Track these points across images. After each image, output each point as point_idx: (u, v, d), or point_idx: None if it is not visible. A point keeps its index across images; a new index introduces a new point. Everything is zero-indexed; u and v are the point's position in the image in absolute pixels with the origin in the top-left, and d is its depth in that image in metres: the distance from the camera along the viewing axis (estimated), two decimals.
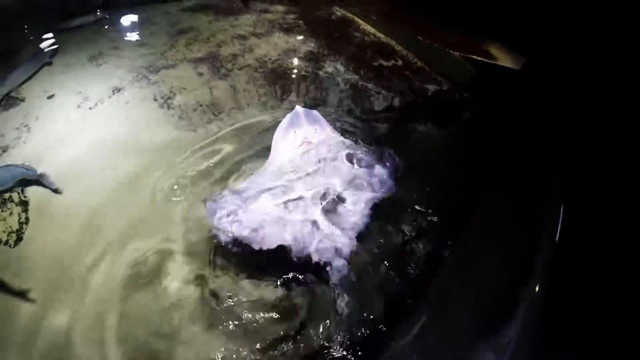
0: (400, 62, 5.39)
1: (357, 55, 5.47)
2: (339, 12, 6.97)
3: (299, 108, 3.43)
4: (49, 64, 5.17)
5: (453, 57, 5.54)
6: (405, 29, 6.32)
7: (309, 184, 2.99)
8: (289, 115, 3.40)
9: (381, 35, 6.06)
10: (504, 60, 5.58)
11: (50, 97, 4.54)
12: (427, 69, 5.28)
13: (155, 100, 4.45)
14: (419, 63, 5.40)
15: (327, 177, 3.05)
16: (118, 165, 3.66)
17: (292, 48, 5.55)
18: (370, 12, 7.03)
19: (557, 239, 2.94)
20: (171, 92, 4.57)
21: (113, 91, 4.59)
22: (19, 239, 3.03)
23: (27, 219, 3.16)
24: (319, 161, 3.16)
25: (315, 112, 3.48)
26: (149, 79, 4.79)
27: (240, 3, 7.10)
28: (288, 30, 6.09)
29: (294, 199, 2.89)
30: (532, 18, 5.54)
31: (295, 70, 5.07)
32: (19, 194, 3.32)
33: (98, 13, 6.46)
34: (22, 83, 4.80)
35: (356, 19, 6.69)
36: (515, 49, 5.67)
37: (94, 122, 4.19)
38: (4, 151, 3.83)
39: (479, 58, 5.49)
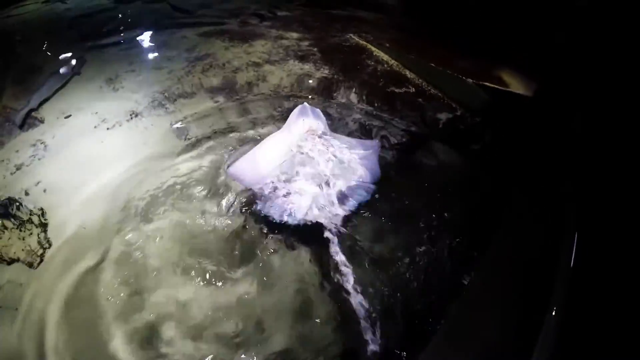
0: (412, 90, 5.43)
1: (370, 83, 5.52)
2: (352, 39, 7.06)
3: (306, 104, 3.93)
4: (78, 74, 5.32)
5: (466, 84, 5.52)
6: (418, 56, 6.36)
7: (310, 166, 3.52)
8: (299, 107, 3.89)
9: (394, 63, 6.12)
10: (516, 86, 5.56)
11: (67, 117, 4.63)
12: (439, 96, 5.32)
13: (171, 126, 4.52)
14: (431, 90, 5.44)
15: (325, 162, 3.56)
16: (133, 190, 3.70)
17: (306, 75, 5.63)
18: (383, 39, 7.12)
19: (571, 265, 2.91)
20: (186, 119, 4.65)
21: (130, 115, 4.67)
22: (41, 260, 3.07)
23: (47, 239, 3.20)
24: (319, 148, 3.66)
25: (318, 110, 3.98)
26: (166, 107, 4.88)
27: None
28: (302, 57, 6.17)
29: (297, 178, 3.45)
30: (545, 44, 5.60)
31: (309, 98, 5.12)
32: (39, 216, 3.36)
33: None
34: (52, 95, 4.98)
35: (369, 46, 6.77)
36: (527, 75, 5.70)
37: (110, 145, 4.26)
38: (17, 169, 3.90)
39: (492, 85, 5.50)
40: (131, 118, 4.64)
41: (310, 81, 5.49)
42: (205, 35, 6.98)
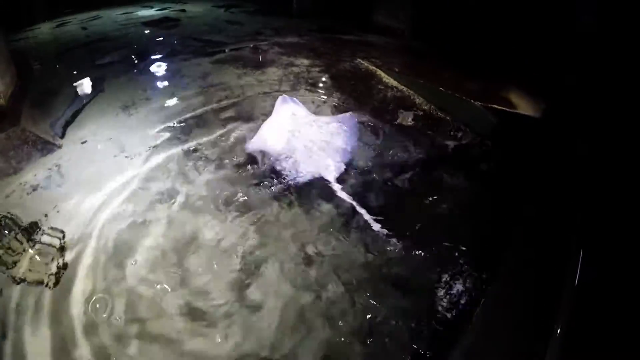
0: (421, 114, 5.50)
1: (380, 109, 5.59)
2: (362, 64, 7.19)
3: (285, 95, 5.33)
4: (102, 90, 5.62)
5: (474, 107, 5.62)
6: (427, 79, 6.47)
7: (304, 138, 4.74)
8: (280, 98, 5.28)
9: (403, 88, 6.21)
10: (524, 108, 5.65)
11: (83, 143, 4.76)
12: (448, 120, 5.39)
13: (185, 154, 4.61)
14: (440, 115, 5.51)
15: (314, 133, 4.83)
16: (147, 215, 3.78)
17: (317, 103, 5.72)
18: (392, 64, 7.25)
19: (576, 283, 2.95)
20: (201, 147, 4.73)
21: (148, 146, 4.77)
22: (57, 281, 3.15)
23: (64, 264, 3.28)
24: (307, 124, 4.98)
25: (296, 99, 5.36)
26: (179, 137, 4.96)
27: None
28: (313, 85, 6.31)
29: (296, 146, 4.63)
30: (552, 64, 5.68)
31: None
32: (59, 239, 3.45)
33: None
34: (71, 121, 5.18)
35: (378, 71, 6.89)
36: (535, 96, 5.77)
37: (123, 171, 4.34)
38: (34, 191, 4.01)
39: (500, 107, 5.58)
40: (148, 148, 4.73)
41: (321, 109, 5.57)
42: (218, 62, 7.15)
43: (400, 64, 7.32)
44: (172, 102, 5.76)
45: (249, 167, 4.40)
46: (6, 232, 3.49)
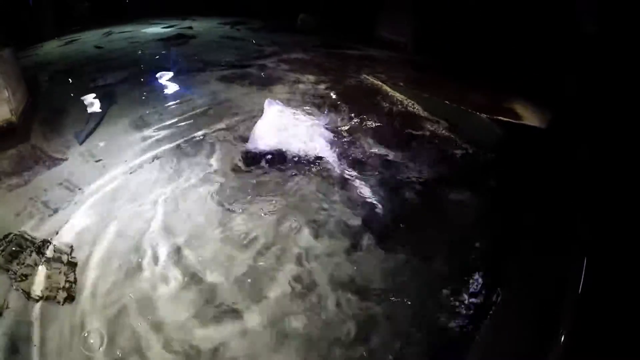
0: (427, 130, 5.52)
1: (386, 124, 5.63)
2: (367, 79, 7.26)
3: (270, 99, 5.95)
4: (115, 102, 5.87)
5: (479, 119, 5.68)
6: (432, 93, 6.54)
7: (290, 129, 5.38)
8: (266, 101, 5.84)
9: (409, 103, 6.26)
10: (530, 118, 5.71)
11: (98, 161, 4.80)
12: (454, 134, 5.41)
13: (201, 173, 4.64)
14: (446, 128, 5.54)
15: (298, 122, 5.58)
16: (160, 231, 3.82)
17: (323, 118, 5.78)
18: (397, 78, 7.32)
19: (579, 291, 3.00)
20: (210, 165, 4.76)
21: (153, 159, 4.82)
22: (69, 297, 3.17)
23: (74, 278, 3.31)
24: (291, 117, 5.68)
25: (278, 101, 6.01)
26: (187, 153, 5.01)
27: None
28: (320, 102, 6.36)
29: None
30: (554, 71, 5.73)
31: (327, 140, 5.21)
32: (68, 255, 3.48)
33: None
34: (83, 140, 5.26)
35: (384, 86, 6.95)
36: (539, 106, 5.84)
37: (134, 186, 4.39)
38: (44, 205, 4.06)
39: (505, 119, 5.63)
40: (152, 160, 4.78)
41: (328, 125, 5.60)
42: (226, 79, 7.23)
43: (404, 78, 7.39)
44: (180, 119, 5.82)
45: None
46: (18, 247, 3.52)
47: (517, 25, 7.19)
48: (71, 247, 3.58)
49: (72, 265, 3.41)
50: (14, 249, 3.51)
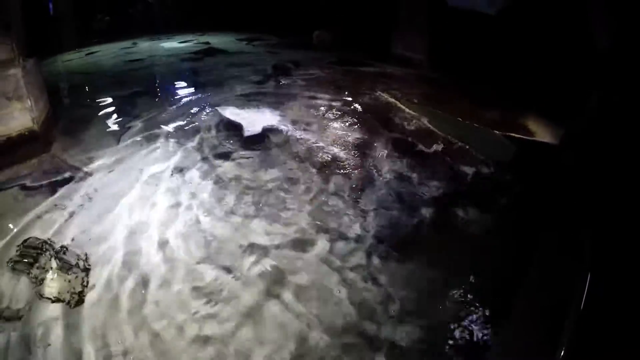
0: (441, 147, 5.55)
1: (400, 142, 5.66)
2: (382, 96, 7.32)
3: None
4: (129, 119, 6.22)
5: (493, 136, 5.71)
6: (446, 110, 6.60)
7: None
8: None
9: (423, 120, 6.31)
10: (542, 134, 5.75)
11: (111, 172, 4.89)
12: (467, 151, 5.45)
13: (210, 180, 4.72)
14: (459, 146, 5.57)
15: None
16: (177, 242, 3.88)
17: (338, 136, 5.82)
18: (411, 95, 7.38)
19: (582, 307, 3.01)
20: (227, 176, 4.82)
21: (172, 172, 4.91)
22: (81, 301, 3.23)
23: (87, 283, 3.37)
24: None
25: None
26: (207, 164, 5.09)
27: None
28: (335, 117, 6.43)
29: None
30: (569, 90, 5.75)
31: (341, 158, 5.25)
32: (83, 261, 3.55)
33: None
34: (101, 150, 5.44)
35: (398, 103, 7.01)
36: (552, 121, 5.89)
37: (150, 198, 4.47)
38: (65, 213, 4.14)
39: (518, 136, 5.66)
40: (172, 174, 4.87)
41: (342, 141, 5.66)
42: (242, 96, 7.34)
43: (419, 95, 7.45)
44: (197, 133, 5.91)
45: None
46: (36, 251, 3.61)
47: (531, 41, 7.22)
48: (85, 254, 3.65)
49: (87, 270, 3.48)
50: (32, 253, 3.59)
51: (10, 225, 3.94)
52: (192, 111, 6.77)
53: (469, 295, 3.29)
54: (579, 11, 6.32)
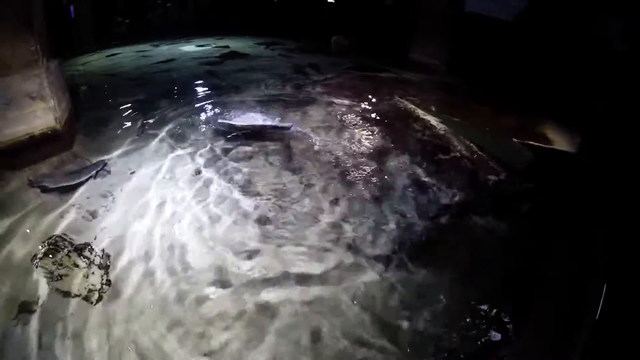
0: (459, 154, 5.52)
1: (418, 149, 5.64)
2: (400, 102, 7.30)
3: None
4: (148, 120, 6.42)
5: (511, 144, 5.67)
6: (464, 116, 6.59)
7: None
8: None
9: (441, 127, 6.28)
10: (560, 143, 5.70)
11: (132, 173, 4.93)
12: (485, 158, 5.41)
13: (231, 183, 4.74)
14: (477, 153, 5.54)
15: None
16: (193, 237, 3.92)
17: (357, 141, 5.81)
18: (429, 101, 7.36)
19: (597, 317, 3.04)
20: (246, 178, 4.85)
21: (192, 174, 4.94)
22: (100, 297, 3.27)
23: (108, 280, 3.40)
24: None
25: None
26: (225, 167, 5.11)
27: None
28: (354, 124, 6.42)
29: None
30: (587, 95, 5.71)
31: (360, 164, 5.24)
32: (104, 259, 3.59)
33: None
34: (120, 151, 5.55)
35: (417, 110, 6.98)
36: (570, 129, 5.84)
37: (172, 197, 4.51)
38: (85, 211, 4.20)
39: (536, 144, 5.62)
40: (192, 176, 4.90)
41: (361, 148, 5.65)
42: (265, 101, 7.36)
43: (437, 102, 7.44)
44: (217, 136, 5.93)
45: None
46: (59, 249, 3.66)
47: (548, 48, 7.19)
48: (104, 250, 3.72)
49: (107, 268, 3.51)
50: (55, 250, 3.65)
51: (34, 224, 4.00)
52: (213, 114, 6.82)
53: (484, 301, 3.27)
54: (597, 16, 6.30)
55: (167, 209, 4.33)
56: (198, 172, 4.97)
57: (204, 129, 6.15)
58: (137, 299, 3.27)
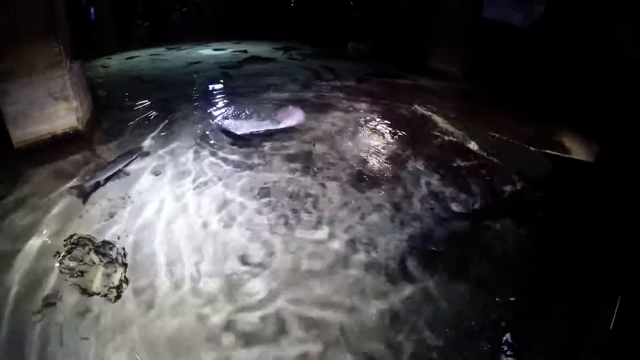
0: (476, 162, 5.48)
1: (436, 155, 5.61)
2: (418, 110, 7.28)
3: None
4: (168, 123, 6.53)
5: (528, 152, 5.67)
6: (482, 124, 6.57)
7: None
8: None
9: (459, 134, 6.25)
10: (578, 152, 5.68)
11: (155, 174, 4.98)
12: (502, 166, 5.36)
13: (250, 191, 4.71)
14: (494, 161, 5.49)
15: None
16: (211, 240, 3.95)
17: (375, 148, 5.79)
18: (447, 109, 7.34)
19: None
20: (265, 184, 4.83)
21: (214, 177, 4.95)
22: (119, 295, 3.31)
23: (126, 278, 3.44)
24: None
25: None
26: (246, 171, 5.12)
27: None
28: (372, 130, 6.42)
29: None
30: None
31: (379, 171, 5.23)
32: (122, 257, 3.63)
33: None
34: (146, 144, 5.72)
35: (434, 116, 6.97)
36: (588, 139, 5.78)
37: (192, 201, 4.52)
38: (109, 216, 4.22)
39: (554, 153, 5.59)
40: (215, 179, 4.92)
41: (379, 154, 5.64)
42: (281, 105, 7.35)
43: (455, 109, 7.41)
44: (237, 139, 5.93)
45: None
46: (80, 246, 3.72)
47: (566, 54, 7.16)
48: (124, 249, 3.76)
49: (125, 266, 3.56)
50: (77, 248, 3.71)
51: (57, 221, 4.07)
52: (232, 117, 6.85)
53: (498, 310, 3.25)
54: (615, 24, 6.26)
55: (191, 208, 4.40)
56: (219, 178, 4.95)
57: (222, 133, 6.15)
58: (156, 296, 3.30)
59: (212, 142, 5.86)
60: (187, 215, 4.28)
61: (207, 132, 6.15)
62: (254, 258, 3.71)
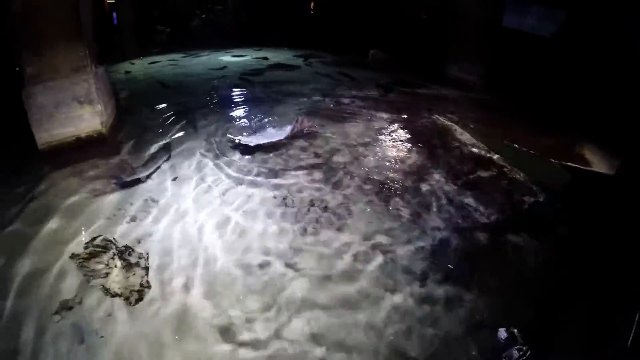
0: (496, 173, 5.45)
1: (456, 166, 5.58)
2: (439, 120, 7.25)
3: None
4: (189, 129, 6.52)
5: (549, 165, 5.61)
6: (502, 135, 6.53)
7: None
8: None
9: (479, 145, 6.22)
10: (598, 165, 5.60)
11: (174, 180, 5.00)
12: (523, 179, 5.32)
13: (274, 197, 4.72)
14: (515, 173, 5.46)
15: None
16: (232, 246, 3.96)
17: (396, 158, 5.77)
18: (467, 119, 7.30)
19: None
20: (288, 192, 4.84)
21: (235, 183, 4.97)
22: (140, 298, 3.32)
23: (147, 282, 3.45)
24: None
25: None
26: (266, 177, 5.14)
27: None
28: (393, 140, 6.40)
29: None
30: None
31: (398, 181, 5.18)
32: (145, 259, 3.65)
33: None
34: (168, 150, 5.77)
35: (455, 127, 6.94)
36: (608, 151, 5.76)
37: (210, 207, 4.54)
38: (132, 220, 4.25)
39: (574, 165, 5.53)
40: (236, 185, 4.95)
41: (399, 165, 5.62)
42: (306, 114, 7.32)
43: (475, 119, 7.37)
44: (258, 150, 5.88)
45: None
46: (101, 249, 3.75)
47: (588, 65, 7.09)
48: (147, 253, 3.78)
49: (147, 269, 3.59)
50: (98, 250, 3.73)
51: (78, 224, 4.11)
52: (252, 125, 6.88)
53: (516, 323, 3.21)
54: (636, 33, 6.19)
55: (214, 213, 4.42)
56: (240, 182, 4.99)
57: (243, 139, 6.14)
58: (175, 302, 3.31)
59: (233, 149, 5.88)
60: (212, 220, 4.30)
61: (228, 139, 6.15)
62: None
